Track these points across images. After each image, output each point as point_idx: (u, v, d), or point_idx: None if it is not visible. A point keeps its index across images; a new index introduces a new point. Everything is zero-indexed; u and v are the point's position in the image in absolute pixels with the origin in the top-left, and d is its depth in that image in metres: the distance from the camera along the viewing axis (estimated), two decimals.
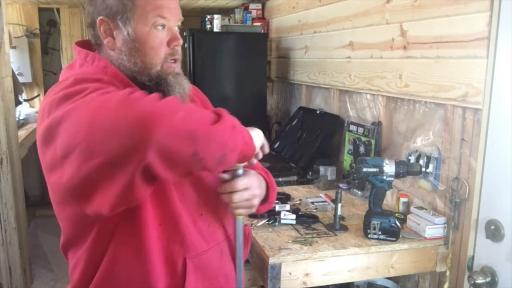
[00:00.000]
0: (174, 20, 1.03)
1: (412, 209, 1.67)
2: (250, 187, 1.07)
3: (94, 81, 0.92)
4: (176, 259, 1.01)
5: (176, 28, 1.05)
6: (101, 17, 0.99)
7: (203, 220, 1.06)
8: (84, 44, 1.09)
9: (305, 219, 1.70)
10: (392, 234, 1.54)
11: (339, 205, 1.62)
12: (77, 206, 0.89)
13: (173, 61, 1.04)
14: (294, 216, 1.68)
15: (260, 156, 1.05)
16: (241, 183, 1.05)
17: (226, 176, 1.07)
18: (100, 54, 1.04)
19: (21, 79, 4.03)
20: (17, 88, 3.34)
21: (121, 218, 0.94)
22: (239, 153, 0.90)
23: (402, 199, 1.78)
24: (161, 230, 0.98)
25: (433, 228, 1.55)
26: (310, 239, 1.55)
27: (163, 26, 1.00)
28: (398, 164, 1.53)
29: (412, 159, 1.76)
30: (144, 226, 0.96)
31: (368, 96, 2.13)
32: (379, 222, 1.53)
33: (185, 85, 1.06)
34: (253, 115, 3.10)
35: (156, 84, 1.01)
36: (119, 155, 0.78)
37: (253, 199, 1.08)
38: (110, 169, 0.80)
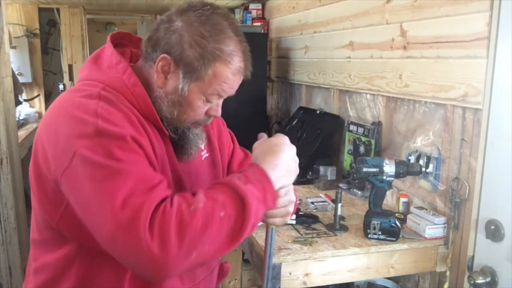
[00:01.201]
0: (226, 96, 1.01)
1: (412, 209, 1.67)
2: (287, 191, 0.98)
3: (121, 120, 0.88)
4: None
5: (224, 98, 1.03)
6: (166, 55, 0.93)
7: None
8: (121, 37, 1.06)
9: (305, 219, 1.70)
10: (392, 234, 1.54)
11: (339, 205, 1.62)
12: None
13: (200, 125, 1.04)
14: (294, 216, 1.68)
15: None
16: (281, 190, 0.96)
17: None
18: (142, 69, 1.00)
19: (21, 79, 4.03)
20: (17, 88, 3.34)
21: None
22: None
23: (402, 199, 1.78)
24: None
25: (433, 228, 1.55)
26: (310, 239, 1.55)
27: (214, 102, 1.00)
28: (398, 164, 1.53)
29: (412, 159, 1.76)
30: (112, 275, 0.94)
31: (368, 96, 2.13)
32: (379, 222, 1.53)
33: (199, 143, 1.07)
34: (253, 115, 3.10)
35: (178, 137, 1.01)
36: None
37: (290, 205, 1.00)
38: None
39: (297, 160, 0.99)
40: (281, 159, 0.94)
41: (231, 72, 0.96)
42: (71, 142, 0.84)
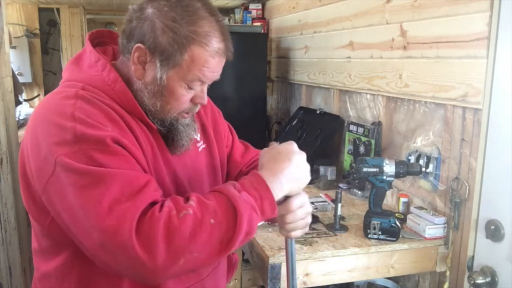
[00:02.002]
0: (210, 81, 0.97)
1: (412, 209, 1.67)
2: (303, 203, 0.95)
3: (98, 115, 0.86)
4: None
5: (208, 85, 0.99)
6: (140, 45, 0.90)
7: None
8: (101, 35, 1.03)
9: None
10: (392, 234, 1.53)
11: (339, 205, 1.62)
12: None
13: (187, 113, 1.00)
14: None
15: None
16: (295, 202, 0.93)
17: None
18: (122, 63, 0.98)
19: (21, 79, 4.03)
20: (17, 88, 3.34)
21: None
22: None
23: (402, 199, 1.78)
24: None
25: (433, 228, 1.55)
26: (310, 239, 1.55)
27: (196, 89, 0.96)
28: (398, 164, 1.53)
29: (412, 159, 1.76)
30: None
31: (368, 96, 2.13)
32: (379, 222, 1.53)
33: (192, 134, 1.03)
34: (253, 115, 3.10)
35: (167, 130, 0.98)
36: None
37: (307, 217, 0.98)
38: None
39: (306, 167, 0.95)
40: (284, 166, 0.90)
41: (209, 54, 0.91)
42: (52, 151, 0.82)
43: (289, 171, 0.90)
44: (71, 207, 0.81)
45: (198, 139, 1.10)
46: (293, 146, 0.95)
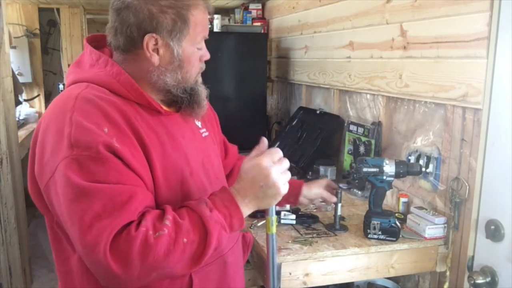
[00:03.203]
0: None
1: (412, 209, 1.67)
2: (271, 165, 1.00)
3: (103, 114, 0.90)
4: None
5: None
6: (151, 34, 0.96)
7: None
8: (96, 40, 1.08)
9: (305, 219, 1.69)
10: (392, 234, 1.53)
11: (339, 205, 1.62)
12: None
13: (199, 74, 1.09)
14: (294, 216, 1.67)
15: None
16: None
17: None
18: (127, 62, 1.02)
19: (21, 79, 4.03)
20: (17, 88, 3.34)
21: None
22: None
23: (402, 199, 1.78)
24: None
25: (433, 228, 1.55)
26: (310, 239, 1.55)
27: (204, 46, 1.05)
28: (398, 164, 1.53)
29: (412, 159, 1.76)
30: None
31: (368, 96, 2.13)
32: (379, 222, 1.53)
33: (205, 91, 1.11)
34: (253, 115, 3.10)
35: (190, 95, 1.05)
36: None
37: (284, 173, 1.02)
38: None
39: (279, 184, 0.97)
40: (255, 184, 0.95)
41: (203, 12, 1.01)
42: (51, 157, 0.88)
43: (260, 194, 0.96)
44: (63, 214, 0.88)
45: (200, 126, 1.16)
46: (265, 160, 0.96)
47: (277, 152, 0.99)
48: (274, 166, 0.96)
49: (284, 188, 0.98)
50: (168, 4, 0.96)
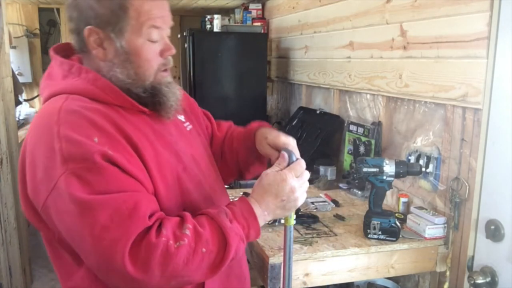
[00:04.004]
0: (166, 28, 0.99)
1: (412, 209, 1.67)
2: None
3: (90, 122, 0.87)
4: None
5: (168, 34, 1.00)
6: (90, 26, 0.92)
7: None
8: (63, 49, 1.02)
9: (305, 219, 1.70)
10: (392, 234, 1.53)
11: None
12: None
13: (164, 70, 1.01)
14: (294, 216, 1.67)
15: None
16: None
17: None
18: (86, 62, 0.99)
19: (21, 79, 4.03)
20: (17, 88, 3.34)
21: None
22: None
23: (402, 199, 1.78)
24: None
25: (433, 228, 1.55)
26: (310, 239, 1.55)
27: (157, 38, 0.96)
28: (398, 164, 1.53)
29: (412, 159, 1.76)
30: None
31: (368, 96, 2.13)
32: (379, 222, 1.53)
33: (177, 93, 1.03)
34: (253, 115, 3.07)
35: (151, 95, 0.98)
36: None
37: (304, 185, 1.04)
38: None
39: (303, 194, 1.01)
40: (278, 199, 0.97)
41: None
42: (46, 175, 0.85)
43: (280, 206, 0.98)
44: (69, 230, 0.86)
45: (183, 120, 1.13)
46: (288, 176, 0.98)
47: (301, 166, 1.02)
48: (298, 181, 0.99)
49: (302, 200, 1.01)
50: None
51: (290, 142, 1.08)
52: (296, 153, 1.05)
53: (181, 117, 1.13)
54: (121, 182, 0.86)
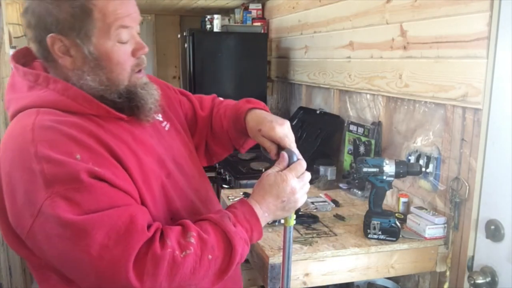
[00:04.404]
0: (136, 26, 0.92)
1: (412, 209, 1.67)
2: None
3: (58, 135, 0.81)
4: None
5: (137, 31, 0.94)
6: (52, 34, 0.85)
7: None
8: (23, 55, 0.95)
9: (305, 219, 1.70)
10: (392, 234, 1.53)
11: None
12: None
13: (139, 71, 0.95)
14: (294, 217, 1.67)
15: None
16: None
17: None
18: (52, 71, 0.92)
19: None
20: None
21: None
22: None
23: (402, 199, 1.78)
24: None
25: (433, 228, 1.55)
26: (310, 239, 1.55)
27: (127, 38, 0.90)
28: (398, 164, 1.53)
29: (412, 159, 1.76)
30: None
31: (368, 96, 2.13)
32: (379, 222, 1.53)
33: (155, 94, 0.98)
34: None
35: (128, 100, 0.93)
36: None
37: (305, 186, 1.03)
38: None
39: (303, 196, 1.00)
40: (278, 200, 0.97)
41: None
42: (29, 200, 0.79)
43: (280, 207, 0.98)
44: (61, 254, 0.81)
45: (161, 119, 1.08)
46: (289, 176, 0.97)
47: (302, 166, 1.00)
48: (299, 182, 0.98)
49: (302, 201, 1.01)
50: None
51: (287, 135, 1.03)
52: (296, 151, 1.03)
53: (159, 117, 1.07)
54: (111, 197, 0.82)
